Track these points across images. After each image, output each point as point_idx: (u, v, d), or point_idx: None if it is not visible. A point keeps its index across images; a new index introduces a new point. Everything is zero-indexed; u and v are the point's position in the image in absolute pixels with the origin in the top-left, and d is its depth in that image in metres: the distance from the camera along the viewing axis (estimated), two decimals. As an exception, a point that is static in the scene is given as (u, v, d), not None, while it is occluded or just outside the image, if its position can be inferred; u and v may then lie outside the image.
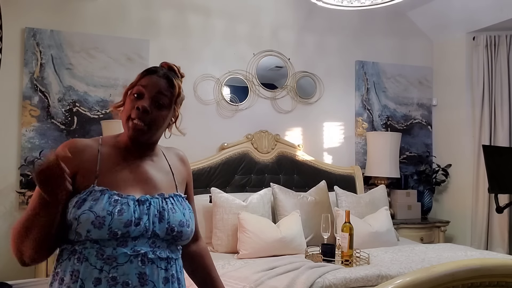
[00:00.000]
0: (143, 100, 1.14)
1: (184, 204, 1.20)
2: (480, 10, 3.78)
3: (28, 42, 3.11)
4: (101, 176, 1.10)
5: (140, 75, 1.19)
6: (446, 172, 4.18)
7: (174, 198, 1.17)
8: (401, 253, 2.75)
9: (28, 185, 3.01)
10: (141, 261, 1.06)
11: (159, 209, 1.12)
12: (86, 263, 1.04)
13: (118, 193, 1.08)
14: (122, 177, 1.13)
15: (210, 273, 1.34)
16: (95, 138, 1.21)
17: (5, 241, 2.99)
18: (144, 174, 1.17)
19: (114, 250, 1.04)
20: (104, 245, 1.04)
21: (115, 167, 1.14)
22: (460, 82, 4.14)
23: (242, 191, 3.43)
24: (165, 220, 1.11)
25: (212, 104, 3.61)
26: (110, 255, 1.04)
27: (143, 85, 1.16)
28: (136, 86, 1.16)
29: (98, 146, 1.16)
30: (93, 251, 1.04)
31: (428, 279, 0.94)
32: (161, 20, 3.51)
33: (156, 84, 1.16)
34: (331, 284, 2.14)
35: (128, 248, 1.05)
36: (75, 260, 1.05)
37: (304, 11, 3.91)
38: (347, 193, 3.41)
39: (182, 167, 1.31)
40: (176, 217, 1.13)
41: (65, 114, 3.20)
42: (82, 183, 1.09)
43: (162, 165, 1.24)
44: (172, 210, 1.14)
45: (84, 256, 1.04)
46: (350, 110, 4.12)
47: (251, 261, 2.54)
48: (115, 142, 1.20)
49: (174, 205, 1.16)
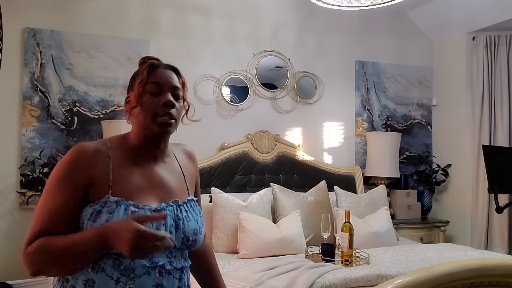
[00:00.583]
0: (164, 95, 1.11)
1: (196, 209, 1.19)
2: (480, 10, 3.78)
3: (28, 42, 3.11)
4: (115, 185, 1.06)
5: (145, 69, 1.13)
6: (446, 172, 4.18)
7: (187, 204, 1.16)
8: (401, 253, 2.75)
9: (28, 185, 3.01)
10: (159, 272, 1.05)
11: (175, 218, 1.10)
12: (102, 273, 1.01)
13: (134, 204, 1.05)
14: (136, 184, 1.10)
15: (213, 273, 1.35)
16: (102, 140, 1.15)
17: (5, 241, 3.00)
18: (157, 179, 1.14)
19: (132, 262, 1.01)
20: (121, 256, 1.00)
21: (128, 174, 1.10)
22: (460, 82, 4.14)
23: (242, 191, 3.43)
24: (180, 230, 1.10)
25: (212, 104, 3.61)
26: (127, 266, 1.02)
27: (157, 81, 1.12)
28: (150, 83, 1.12)
29: (108, 151, 1.10)
30: (109, 262, 1.01)
31: (428, 279, 0.94)
32: (161, 20, 3.51)
33: (169, 77, 1.14)
34: (331, 284, 2.14)
35: (146, 260, 1.03)
36: (90, 269, 1.01)
37: (304, 11, 3.91)
38: (347, 193, 3.41)
39: (191, 165, 1.29)
40: (190, 225, 1.12)
41: (65, 114, 3.20)
42: (96, 193, 1.05)
43: (173, 166, 1.21)
44: (187, 219, 1.13)
45: (100, 266, 1.01)
46: (350, 110, 4.12)
47: (251, 261, 2.54)
48: (124, 145, 1.15)
49: (188, 212, 1.14)
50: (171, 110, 1.11)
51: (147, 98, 1.11)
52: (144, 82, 1.11)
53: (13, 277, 2.77)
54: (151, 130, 1.11)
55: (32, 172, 3.01)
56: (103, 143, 1.13)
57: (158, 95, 1.11)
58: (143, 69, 1.14)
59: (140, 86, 1.11)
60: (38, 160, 3.04)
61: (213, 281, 1.34)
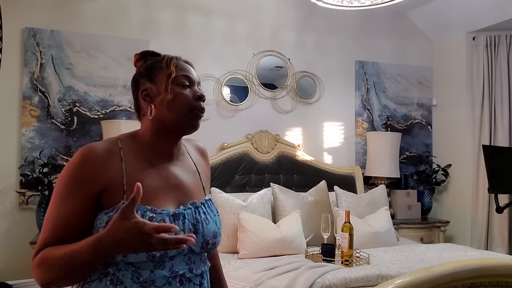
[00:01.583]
0: (195, 89, 1.09)
1: (214, 209, 1.13)
2: (480, 10, 3.78)
3: (28, 42, 3.11)
4: (130, 189, 0.97)
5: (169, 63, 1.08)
6: (446, 172, 4.18)
7: (205, 204, 1.10)
8: (401, 253, 2.75)
9: (28, 185, 3.01)
10: (180, 281, 1.01)
11: (193, 222, 1.05)
12: (120, 286, 0.96)
13: (151, 208, 0.98)
14: (152, 186, 1.02)
15: (218, 275, 1.31)
16: (111, 140, 1.06)
17: (5, 241, 3.00)
18: (174, 180, 1.08)
19: (152, 273, 0.97)
20: (140, 267, 0.96)
21: (143, 175, 1.02)
22: (460, 82, 4.14)
23: (242, 191, 3.43)
24: (200, 234, 1.04)
25: (212, 104, 3.61)
26: (147, 278, 0.96)
27: (187, 74, 1.09)
28: (179, 76, 1.07)
29: (120, 152, 1.02)
30: (128, 274, 0.96)
31: (428, 279, 0.94)
32: (161, 20, 3.51)
33: (194, 72, 1.12)
34: (331, 284, 2.14)
35: (166, 270, 0.98)
36: (108, 282, 0.96)
37: (304, 11, 3.91)
38: (347, 193, 3.41)
39: (204, 162, 1.24)
40: (209, 228, 1.07)
41: (65, 114, 3.20)
42: (110, 199, 0.98)
43: (188, 164, 1.15)
44: (206, 221, 1.07)
45: (118, 279, 0.96)
46: (350, 110, 4.12)
47: (251, 261, 2.55)
48: (136, 143, 1.07)
49: (207, 214, 1.09)
50: (203, 104, 1.09)
51: (179, 91, 1.06)
52: (172, 74, 1.06)
53: (13, 277, 2.77)
54: (183, 124, 1.07)
55: (32, 172, 3.01)
56: (114, 143, 1.04)
57: (188, 88, 1.08)
58: (168, 61, 1.08)
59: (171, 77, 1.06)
60: (38, 160, 3.04)
61: (217, 282, 1.30)
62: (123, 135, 1.10)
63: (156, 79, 1.07)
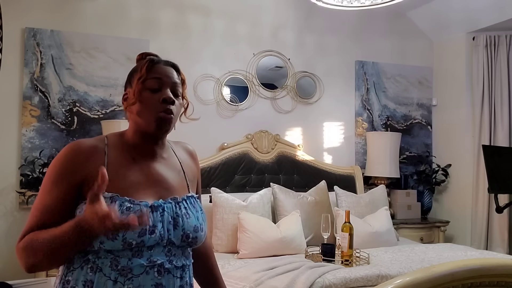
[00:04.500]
0: (164, 92, 1.09)
1: (197, 205, 1.16)
2: (480, 10, 3.78)
3: (28, 42, 3.11)
4: (111, 182, 0.99)
5: (145, 66, 1.10)
6: (446, 172, 4.18)
7: (187, 201, 1.13)
8: (401, 253, 2.75)
9: (28, 185, 3.01)
10: (158, 271, 1.03)
11: (173, 215, 1.07)
12: (100, 273, 1.00)
13: (130, 199, 1.02)
14: (133, 180, 1.07)
15: (214, 274, 1.33)
16: (99, 137, 1.13)
17: (5, 241, 3.00)
18: (156, 176, 1.11)
19: (130, 261, 1.00)
20: (119, 255, 1.00)
21: (125, 170, 1.07)
22: (460, 82, 4.14)
23: (242, 191, 3.43)
24: (179, 227, 1.07)
25: (212, 104, 3.61)
26: (125, 266, 1.00)
27: (157, 77, 1.10)
28: (149, 79, 1.09)
29: (105, 148, 1.09)
30: (107, 261, 1.00)
31: (428, 279, 0.94)
32: (161, 20, 3.51)
33: (170, 74, 1.12)
34: (331, 284, 2.14)
35: (144, 259, 1.01)
36: (88, 270, 1.00)
37: (304, 11, 3.91)
38: (347, 193, 3.41)
39: (192, 163, 1.26)
40: (190, 222, 1.09)
41: (65, 114, 3.20)
42: (90, 190, 1.00)
43: (173, 163, 1.18)
44: (186, 216, 1.09)
45: (98, 266, 1.00)
46: (350, 110, 4.12)
47: (251, 261, 2.55)
48: (122, 142, 1.13)
49: (188, 209, 1.11)
50: (171, 107, 1.09)
51: (146, 94, 1.08)
52: (144, 78, 1.09)
53: (13, 277, 2.77)
54: (150, 127, 1.09)
55: (32, 172, 3.01)
56: (100, 140, 1.11)
57: (158, 92, 1.09)
58: (142, 64, 1.11)
59: (140, 82, 1.09)
60: (38, 160, 3.04)
61: (214, 282, 1.32)
62: (113, 133, 1.17)
63: (133, 83, 1.12)
